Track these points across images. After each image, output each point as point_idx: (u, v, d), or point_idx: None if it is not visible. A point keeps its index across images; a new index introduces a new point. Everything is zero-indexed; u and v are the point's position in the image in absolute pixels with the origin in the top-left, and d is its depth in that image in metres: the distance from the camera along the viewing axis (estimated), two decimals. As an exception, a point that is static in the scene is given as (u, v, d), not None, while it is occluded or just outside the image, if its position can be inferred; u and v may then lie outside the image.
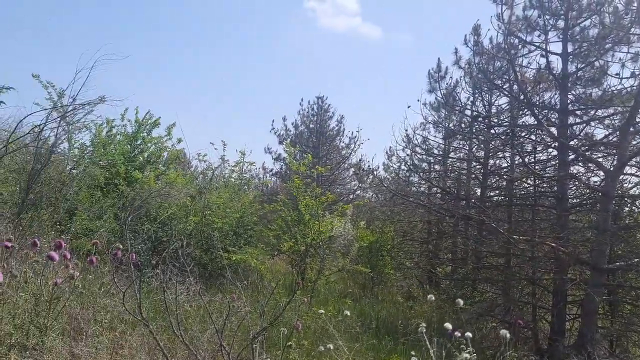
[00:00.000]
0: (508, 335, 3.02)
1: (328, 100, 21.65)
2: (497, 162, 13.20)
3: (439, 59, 12.88)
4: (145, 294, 7.37)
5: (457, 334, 2.82)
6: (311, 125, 21.52)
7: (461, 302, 3.36)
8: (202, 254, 9.89)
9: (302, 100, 21.85)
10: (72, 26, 71.81)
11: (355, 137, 21.09)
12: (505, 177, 12.18)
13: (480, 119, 13.12)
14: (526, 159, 11.02)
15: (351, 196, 20.42)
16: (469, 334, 2.76)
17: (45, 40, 65.45)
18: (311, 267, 10.98)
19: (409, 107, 15.93)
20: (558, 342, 8.76)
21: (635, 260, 8.87)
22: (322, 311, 3.45)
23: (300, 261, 10.83)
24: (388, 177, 17.05)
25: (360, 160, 20.39)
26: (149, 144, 11.84)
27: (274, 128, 21.75)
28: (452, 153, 15.06)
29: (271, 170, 21.98)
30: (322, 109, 21.47)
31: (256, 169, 20.77)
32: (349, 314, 4.31)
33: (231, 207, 11.15)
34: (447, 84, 12.83)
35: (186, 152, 16.45)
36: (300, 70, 74.27)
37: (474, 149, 13.89)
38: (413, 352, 3.53)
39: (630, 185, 9.95)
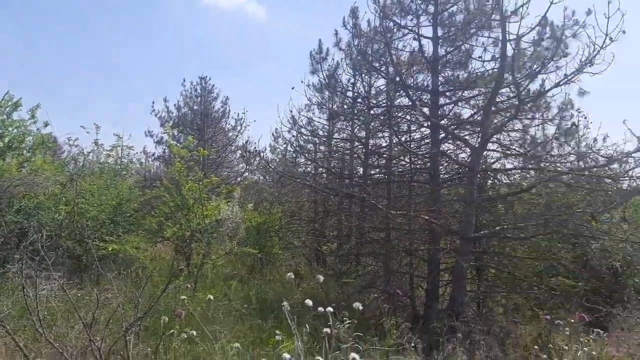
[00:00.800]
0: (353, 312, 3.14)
1: (212, 81, 21.19)
2: (377, 141, 13.79)
3: (320, 40, 13.06)
4: (10, 291, 6.78)
5: (321, 309, 2.91)
6: (195, 107, 20.89)
7: (321, 278, 3.44)
8: (76, 245, 9.24)
9: (184, 80, 21.19)
10: None
11: (242, 118, 20.88)
12: (384, 155, 12.76)
13: (359, 100, 13.57)
14: (402, 138, 11.60)
15: (239, 179, 20.25)
16: (330, 309, 2.87)
17: None
18: (197, 252, 10.74)
19: (293, 88, 16.05)
20: (432, 307, 9.45)
21: (497, 228, 9.77)
22: (184, 297, 3.36)
23: (185, 247, 10.54)
24: (275, 158, 17.10)
25: (246, 142, 20.22)
26: (10, 128, 10.71)
27: (154, 110, 20.82)
28: (336, 134, 15.45)
29: (153, 155, 21.06)
30: (206, 90, 20.91)
31: (136, 153, 19.80)
32: (212, 298, 4.26)
33: (107, 194, 10.51)
34: (329, 65, 13.05)
35: (56, 137, 15.17)
36: (181, 50, 71.41)
37: (356, 129, 14.36)
38: (278, 332, 3.61)
39: (492, 160, 10.88)
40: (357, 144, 14.27)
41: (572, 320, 6.46)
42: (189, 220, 10.11)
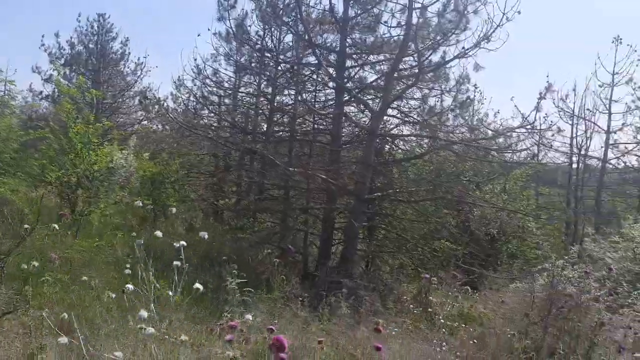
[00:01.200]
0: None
1: (111, 19, 19.64)
2: (283, 99, 13.66)
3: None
4: None
5: (176, 244, 2.87)
6: (91, 46, 19.30)
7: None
8: (-63, 183, 8.32)
9: (79, 15, 19.38)
10: None
11: (142, 63, 19.69)
12: (289, 113, 12.69)
13: (267, 53, 13.24)
14: (308, 97, 11.59)
15: (136, 126, 19.21)
16: (183, 243, 2.84)
17: None
18: (84, 200, 10.15)
19: (199, 35, 15.24)
20: (323, 264, 9.72)
21: (390, 191, 10.18)
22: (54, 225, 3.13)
23: (70, 193, 9.92)
24: (176, 108, 16.38)
25: (146, 88, 19.14)
26: None
27: (44, 44, 18.88)
28: (242, 87, 15.07)
29: (41, 93, 19.28)
30: (104, 28, 19.35)
31: (21, 90, 18.11)
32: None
33: (-19, 130, 9.53)
34: (237, 14, 12.49)
35: None
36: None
37: (263, 84, 14.11)
38: (128, 265, 3.52)
39: (391, 126, 11.24)
40: (262, 99, 14.03)
41: (448, 280, 6.98)
42: (76, 165, 9.51)
